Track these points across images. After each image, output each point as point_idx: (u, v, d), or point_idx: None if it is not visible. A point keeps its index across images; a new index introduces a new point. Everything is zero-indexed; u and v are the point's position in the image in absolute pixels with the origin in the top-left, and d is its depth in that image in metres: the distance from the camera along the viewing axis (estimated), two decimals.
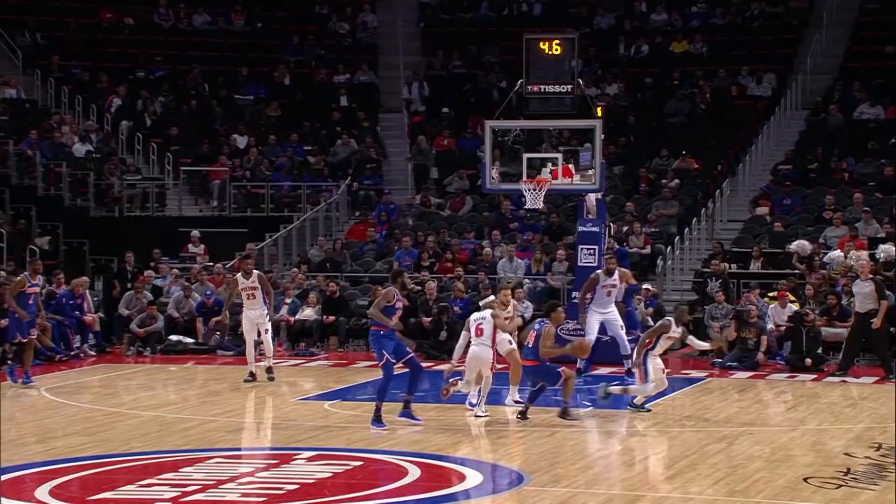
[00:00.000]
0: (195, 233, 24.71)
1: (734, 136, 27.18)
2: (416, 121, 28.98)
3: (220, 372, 19.12)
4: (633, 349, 16.29)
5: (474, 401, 14.73)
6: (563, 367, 14.34)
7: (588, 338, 17.15)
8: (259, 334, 17.63)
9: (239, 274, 17.89)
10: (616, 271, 17.71)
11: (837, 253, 21.10)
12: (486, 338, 14.42)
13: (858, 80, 27.29)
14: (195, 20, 31.27)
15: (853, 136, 26.19)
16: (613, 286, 17.67)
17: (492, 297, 15.71)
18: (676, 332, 14.72)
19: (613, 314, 17.76)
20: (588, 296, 17.74)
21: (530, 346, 14.15)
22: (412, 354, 14.15)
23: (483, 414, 14.51)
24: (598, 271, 17.89)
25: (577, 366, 17.45)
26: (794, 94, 27.74)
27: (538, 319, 14.57)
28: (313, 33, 31.07)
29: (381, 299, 13.93)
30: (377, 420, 13.82)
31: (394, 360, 13.86)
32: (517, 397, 15.21)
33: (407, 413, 14.08)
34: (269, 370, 17.54)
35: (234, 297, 18.26)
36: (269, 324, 17.75)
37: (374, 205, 26.61)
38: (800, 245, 21.28)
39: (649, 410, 14.85)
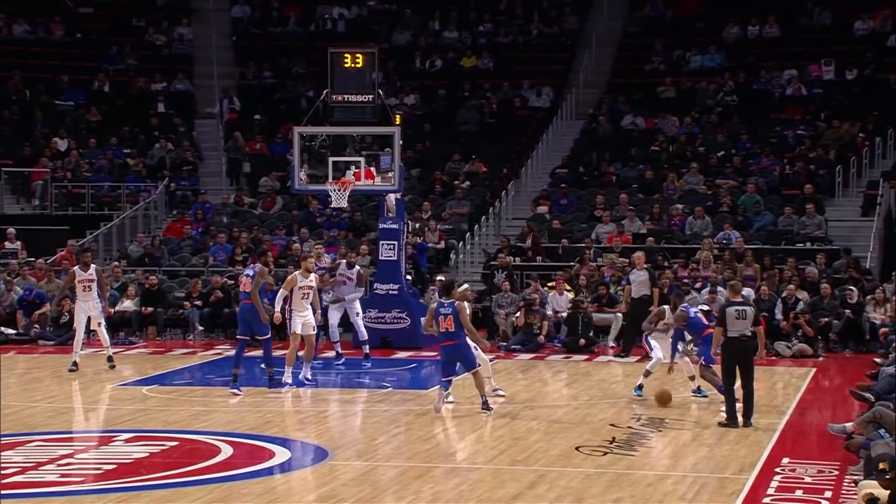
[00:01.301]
0: (11, 230, 23.74)
1: (518, 143, 27.74)
2: (231, 118, 28.53)
3: (40, 361, 18.40)
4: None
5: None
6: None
7: None
8: (89, 326, 17.00)
9: (77, 266, 17.26)
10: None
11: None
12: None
13: (623, 93, 28.27)
14: (14, 30, 29.94)
15: (619, 143, 27.09)
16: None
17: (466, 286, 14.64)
18: (671, 317, 14.54)
19: (354, 304, 17.46)
20: None
21: (451, 329, 13.53)
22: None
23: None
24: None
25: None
26: (569, 106, 28.48)
27: (440, 302, 13.80)
28: (131, 44, 30.19)
29: None
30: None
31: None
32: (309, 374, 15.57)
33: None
34: (109, 359, 17.06)
35: (67, 288, 17.55)
36: (103, 316, 17.16)
37: (190, 204, 26.07)
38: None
39: (706, 396, 14.37)
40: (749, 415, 12.92)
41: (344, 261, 18.35)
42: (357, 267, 18.18)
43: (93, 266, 17.17)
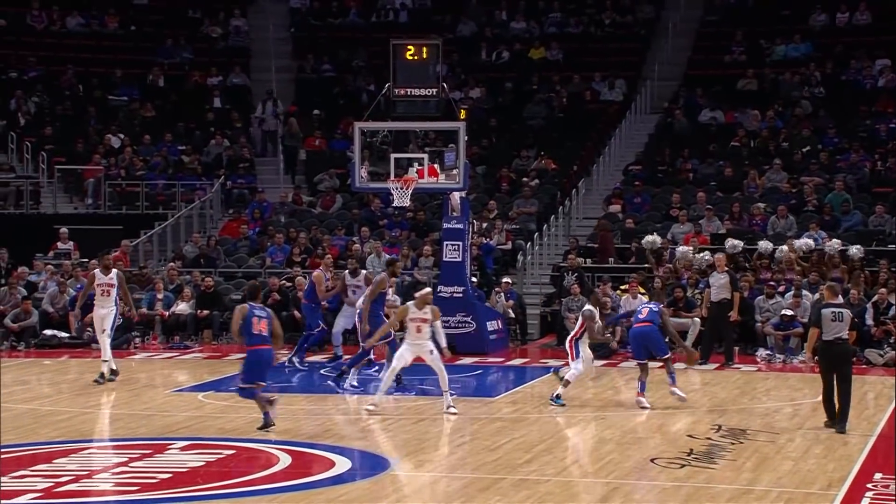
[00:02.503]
0: (64, 230, 24.13)
1: (588, 139, 27.63)
2: (291, 110, 28.77)
3: (93, 365, 18.61)
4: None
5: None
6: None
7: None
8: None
9: (97, 269, 16.92)
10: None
11: (684, 248, 21.58)
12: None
13: (700, 86, 28.02)
14: (68, 22, 30.48)
15: (697, 138, 26.86)
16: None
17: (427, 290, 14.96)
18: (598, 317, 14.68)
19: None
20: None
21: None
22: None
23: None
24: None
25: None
26: (643, 99, 28.32)
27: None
28: (186, 37, 30.58)
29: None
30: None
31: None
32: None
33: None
34: (101, 375, 16.44)
35: (88, 292, 17.24)
36: (115, 325, 16.79)
37: (247, 202, 26.33)
38: (649, 241, 21.71)
39: (563, 405, 14.59)
40: (844, 420, 12.88)
41: (346, 271, 18.23)
42: (363, 272, 18.10)
43: (114, 270, 16.79)
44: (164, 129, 28.17)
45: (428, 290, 14.78)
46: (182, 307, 21.45)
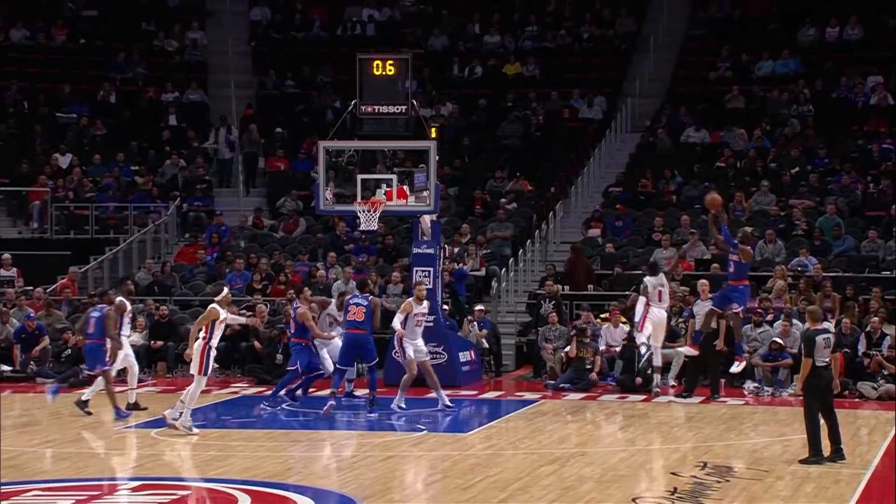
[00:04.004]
0: (6, 255, 24.01)
1: (566, 159, 27.78)
2: (248, 114, 28.79)
3: (39, 401, 18.58)
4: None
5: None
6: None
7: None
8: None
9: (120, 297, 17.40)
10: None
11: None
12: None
13: (684, 103, 28.25)
14: (13, 35, 30.40)
15: (680, 158, 27.06)
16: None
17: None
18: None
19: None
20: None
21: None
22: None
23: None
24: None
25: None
26: (624, 117, 28.51)
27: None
28: (139, 51, 30.57)
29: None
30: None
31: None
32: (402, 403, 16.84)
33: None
34: (81, 403, 16.91)
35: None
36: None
37: (204, 226, 26.30)
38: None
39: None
40: (840, 443, 13.25)
41: (333, 301, 18.54)
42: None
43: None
44: (116, 149, 28.11)
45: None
46: (134, 338, 21.33)
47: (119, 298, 17.31)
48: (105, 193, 26.95)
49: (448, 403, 17.21)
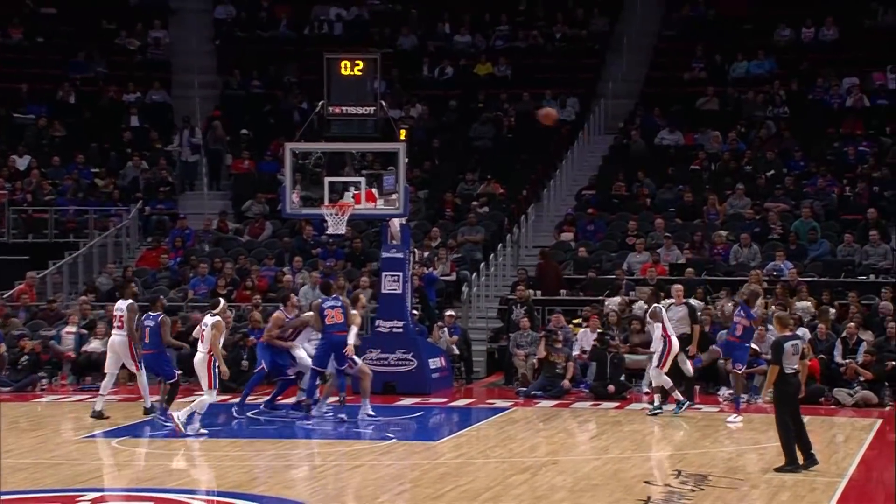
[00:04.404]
0: None
1: (539, 161, 27.84)
2: (215, 115, 28.68)
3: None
4: None
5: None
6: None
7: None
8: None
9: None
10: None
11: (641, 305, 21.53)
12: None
13: (658, 105, 28.35)
14: None
15: (654, 161, 27.16)
16: None
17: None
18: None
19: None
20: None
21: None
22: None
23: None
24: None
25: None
26: (597, 119, 28.60)
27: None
28: (100, 49, 30.41)
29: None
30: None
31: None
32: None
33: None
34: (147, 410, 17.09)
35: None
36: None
37: (167, 230, 26.18)
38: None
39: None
40: (810, 447, 13.31)
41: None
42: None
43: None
44: (76, 150, 27.95)
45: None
46: (94, 345, 21.24)
47: (129, 301, 17.38)
48: (64, 196, 26.79)
49: (370, 412, 16.79)
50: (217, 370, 15.58)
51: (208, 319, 15.85)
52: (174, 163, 28.23)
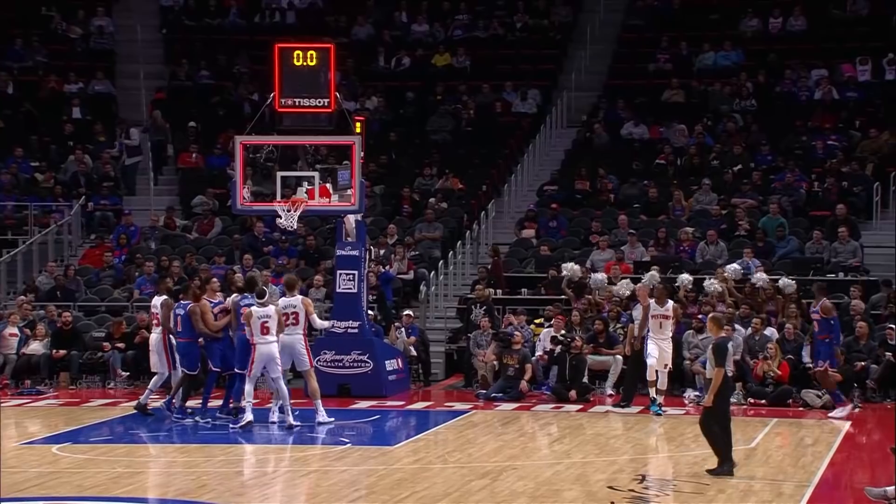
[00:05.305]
0: None
1: (499, 155, 27.91)
2: (158, 97, 28.50)
3: None
4: None
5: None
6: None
7: None
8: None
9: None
10: None
11: (601, 276, 21.85)
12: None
13: (622, 97, 28.48)
14: None
15: (618, 155, 27.30)
16: None
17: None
18: None
19: None
20: None
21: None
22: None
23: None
24: None
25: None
26: (560, 112, 28.70)
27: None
28: (39, 37, 30.17)
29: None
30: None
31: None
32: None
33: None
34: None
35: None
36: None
37: (112, 227, 26.04)
38: (569, 269, 21.93)
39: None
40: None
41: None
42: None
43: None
44: (14, 143, 27.75)
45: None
46: (34, 346, 21.14)
47: (164, 297, 17.46)
48: (2, 191, 26.58)
49: (293, 423, 16.51)
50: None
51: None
52: (119, 157, 28.07)
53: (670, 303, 18.56)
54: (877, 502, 11.97)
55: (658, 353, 18.01)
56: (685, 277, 21.20)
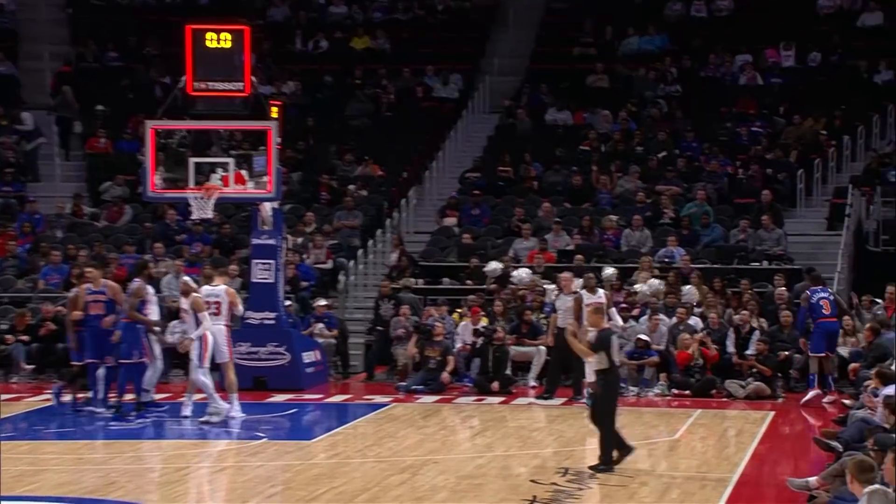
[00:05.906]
0: None
1: (420, 141, 27.92)
2: (64, 70, 28.09)
3: None
4: None
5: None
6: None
7: None
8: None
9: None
10: None
11: (525, 273, 21.90)
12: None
13: (546, 82, 28.61)
14: None
15: (541, 141, 27.42)
16: None
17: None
18: None
19: None
20: None
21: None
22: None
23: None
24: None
25: None
26: (482, 97, 28.78)
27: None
28: None
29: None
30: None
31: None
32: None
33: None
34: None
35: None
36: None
37: (15, 214, 25.66)
38: (492, 270, 22.00)
39: None
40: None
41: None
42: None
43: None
44: None
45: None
46: None
47: (139, 283, 17.17)
48: None
49: (236, 413, 16.65)
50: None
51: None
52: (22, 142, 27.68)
53: (601, 291, 18.69)
54: (798, 493, 12.16)
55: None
56: (610, 272, 21.20)
